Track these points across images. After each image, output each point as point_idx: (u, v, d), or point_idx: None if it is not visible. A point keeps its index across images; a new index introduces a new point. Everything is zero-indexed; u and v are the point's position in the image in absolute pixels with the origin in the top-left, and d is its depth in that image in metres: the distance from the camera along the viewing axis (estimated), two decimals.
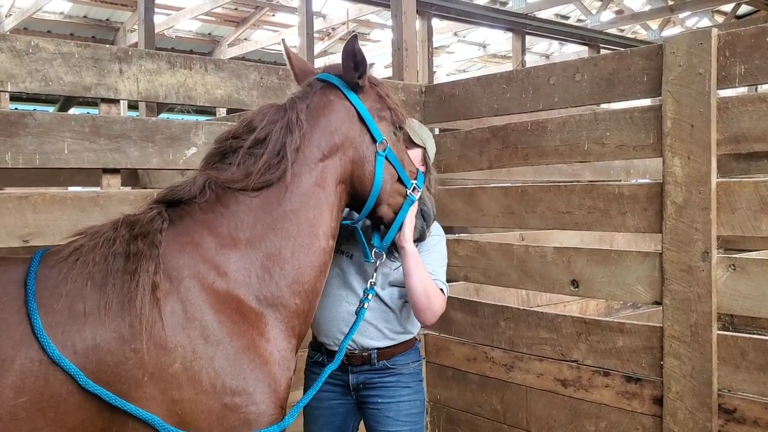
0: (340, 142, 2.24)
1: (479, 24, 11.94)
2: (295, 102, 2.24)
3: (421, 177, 2.57)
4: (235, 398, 1.84)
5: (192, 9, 13.14)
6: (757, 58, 2.67)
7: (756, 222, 2.67)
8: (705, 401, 2.77)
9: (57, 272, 1.86)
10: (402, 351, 2.85)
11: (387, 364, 2.81)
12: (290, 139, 2.13)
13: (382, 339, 2.80)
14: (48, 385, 1.73)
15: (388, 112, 2.39)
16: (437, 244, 2.88)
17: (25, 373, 1.72)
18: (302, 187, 2.14)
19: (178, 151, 3.11)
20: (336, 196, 2.24)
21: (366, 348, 2.78)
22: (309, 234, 2.13)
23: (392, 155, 2.37)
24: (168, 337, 1.81)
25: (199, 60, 3.23)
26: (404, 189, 2.45)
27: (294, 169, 2.13)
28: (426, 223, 2.64)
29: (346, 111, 2.28)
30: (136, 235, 1.91)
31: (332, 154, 2.23)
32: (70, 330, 1.78)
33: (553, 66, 3.39)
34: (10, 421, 1.70)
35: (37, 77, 2.76)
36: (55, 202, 2.79)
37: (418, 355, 2.94)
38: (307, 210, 2.13)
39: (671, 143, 2.84)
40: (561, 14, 16.42)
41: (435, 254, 2.83)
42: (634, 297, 3.06)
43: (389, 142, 2.36)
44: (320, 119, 2.23)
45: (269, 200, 2.09)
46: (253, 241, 2.02)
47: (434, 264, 2.79)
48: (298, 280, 2.07)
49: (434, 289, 2.68)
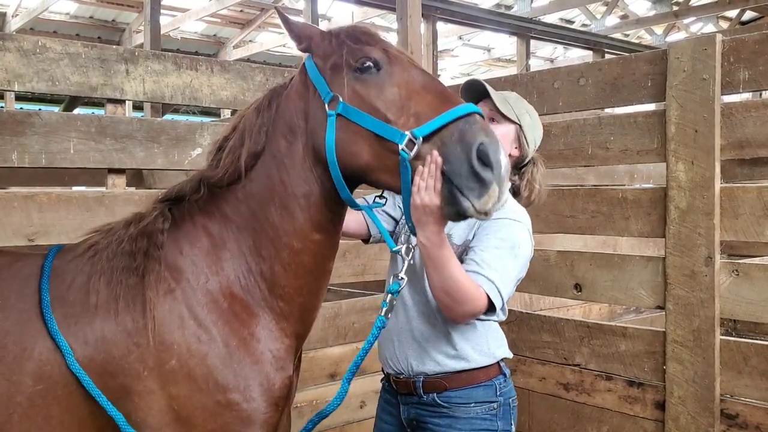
0: (301, 119, 1.95)
1: (484, 28, 11.94)
2: (277, 87, 2.07)
3: (444, 117, 1.73)
4: (228, 395, 1.87)
5: (197, 11, 13.17)
6: (761, 64, 2.68)
7: (759, 227, 2.68)
8: (707, 406, 2.76)
9: (74, 267, 1.94)
10: (459, 385, 2.20)
11: (437, 399, 2.21)
12: (253, 125, 1.98)
13: (428, 362, 2.22)
14: (62, 374, 1.81)
15: (340, 54, 1.88)
16: (503, 228, 2.15)
17: (43, 362, 1.81)
18: (268, 182, 1.96)
19: (184, 151, 3.13)
20: (312, 184, 1.94)
21: (411, 373, 2.24)
22: (276, 235, 1.96)
23: (350, 109, 1.82)
24: (166, 335, 1.86)
25: (205, 61, 3.24)
26: (392, 144, 1.77)
27: (260, 164, 1.97)
28: (457, 189, 1.70)
29: (300, 82, 1.99)
30: (140, 233, 1.96)
31: (295, 137, 1.95)
32: (82, 321, 1.85)
33: (558, 70, 3.40)
34: (29, 407, 1.79)
35: (44, 77, 2.77)
36: (60, 201, 2.80)
37: (491, 395, 2.22)
38: (272, 208, 1.96)
39: (675, 148, 2.85)
40: (566, 18, 16.42)
41: (491, 239, 2.14)
42: (637, 301, 3.06)
43: (347, 93, 1.84)
44: (283, 102, 2.00)
45: (248, 197, 1.99)
46: (239, 240, 2.00)
47: (484, 251, 2.11)
48: (277, 283, 1.97)
49: (461, 286, 2.01)
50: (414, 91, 1.81)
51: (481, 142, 1.68)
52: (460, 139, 1.71)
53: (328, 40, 1.95)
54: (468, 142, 1.69)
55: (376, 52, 1.86)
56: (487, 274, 2.08)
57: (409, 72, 1.86)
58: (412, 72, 1.86)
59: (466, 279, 2.05)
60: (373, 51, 1.86)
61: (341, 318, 3.63)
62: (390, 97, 1.82)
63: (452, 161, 1.70)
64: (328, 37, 1.96)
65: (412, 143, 1.73)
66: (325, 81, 1.89)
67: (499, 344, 2.31)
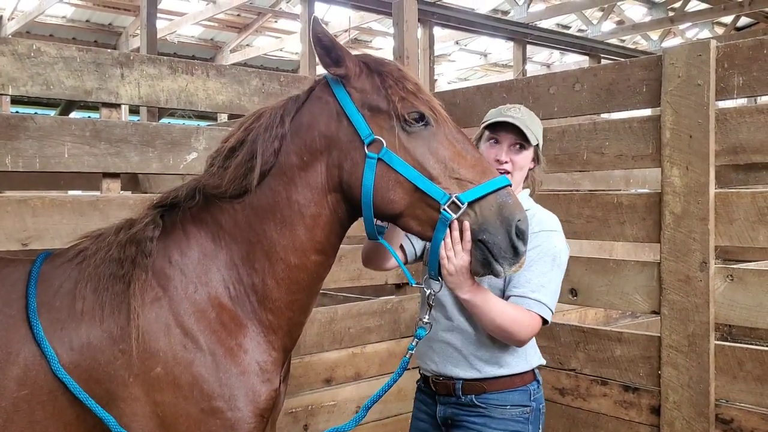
0: (323, 145, 1.95)
1: (481, 33, 11.98)
2: (288, 101, 2.04)
3: (485, 187, 1.88)
4: (213, 403, 1.87)
5: (194, 14, 13.18)
6: (755, 70, 2.68)
7: (753, 232, 2.68)
8: (702, 411, 2.76)
9: (61, 272, 1.95)
10: (497, 389, 2.31)
11: (474, 400, 2.31)
12: (266, 141, 1.95)
13: (467, 368, 2.32)
14: (47, 379, 1.81)
15: (387, 101, 1.92)
16: (543, 242, 2.26)
17: (28, 366, 1.81)
18: (272, 197, 1.96)
19: (179, 156, 3.12)
20: (323, 207, 1.97)
21: (449, 377, 2.34)
22: (273, 250, 1.95)
23: (393, 157, 1.89)
24: (152, 342, 1.86)
25: (201, 65, 3.24)
26: (432, 200, 1.88)
27: (267, 177, 1.95)
28: (493, 257, 1.88)
29: (328, 108, 1.96)
30: (129, 241, 1.95)
31: (314, 159, 1.95)
32: (68, 327, 1.86)
33: (554, 75, 3.40)
34: (13, 412, 1.79)
35: (38, 81, 2.77)
36: (54, 206, 2.79)
37: (525, 399, 2.33)
38: (272, 223, 1.95)
39: (670, 153, 2.85)
40: (562, 24, 16.47)
41: (531, 255, 2.19)
42: (633, 306, 3.06)
43: (390, 140, 1.90)
44: (303, 120, 1.98)
45: (246, 209, 1.97)
46: (232, 251, 1.98)
47: (527, 271, 2.18)
48: (268, 296, 1.97)
49: (514, 319, 2.15)
50: (457, 154, 1.93)
51: (519, 219, 1.88)
52: (499, 213, 1.88)
53: (368, 75, 1.97)
54: (508, 218, 1.88)
55: (426, 108, 1.92)
56: (535, 297, 2.21)
57: (453, 134, 1.96)
58: (456, 135, 1.97)
59: (515, 310, 2.19)
60: (422, 106, 1.92)
61: (337, 323, 3.62)
62: (436, 155, 1.91)
63: (492, 232, 1.88)
64: (367, 72, 1.97)
65: (456, 206, 1.87)
66: (364, 120, 1.93)
67: (534, 351, 2.39)
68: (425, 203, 1.90)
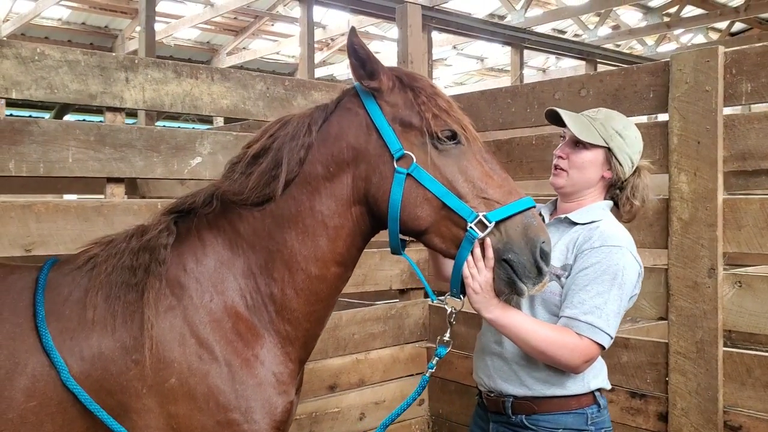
0: (350, 156, 1.93)
1: (478, 37, 11.99)
2: (315, 111, 2.01)
3: (512, 207, 1.87)
4: (228, 415, 1.84)
5: (192, 17, 13.16)
6: (763, 76, 2.68)
7: (762, 239, 2.68)
8: (710, 418, 2.75)
9: (71, 280, 1.90)
10: (549, 410, 2.16)
11: (525, 421, 2.18)
12: (292, 150, 1.93)
13: (518, 385, 2.20)
14: (56, 390, 1.76)
15: (419, 117, 1.90)
16: (604, 259, 2.10)
17: (36, 377, 1.76)
18: (295, 206, 1.93)
19: (183, 161, 3.10)
20: (347, 219, 1.95)
21: (500, 392, 2.23)
22: (293, 259, 1.93)
23: (423, 174, 1.87)
24: (166, 352, 1.82)
25: (206, 69, 3.22)
26: (459, 218, 1.88)
27: (290, 185, 1.93)
28: (517, 276, 1.87)
29: (358, 120, 1.94)
30: (143, 248, 1.92)
31: (341, 170, 1.93)
32: (78, 337, 1.81)
33: (559, 81, 3.40)
34: (21, 424, 1.74)
35: (42, 85, 2.74)
36: (58, 211, 2.77)
37: (581, 423, 2.16)
38: (294, 232, 1.93)
39: (677, 159, 2.84)
40: (558, 29, 16.52)
41: (589, 274, 2.08)
42: (639, 312, 3.05)
43: (421, 156, 1.88)
44: (331, 130, 1.96)
45: (267, 217, 1.94)
46: (249, 260, 1.95)
47: (582, 291, 2.07)
48: (286, 307, 1.94)
49: (554, 341, 2.03)
50: (486, 174, 1.92)
51: (543, 241, 1.87)
52: (524, 234, 1.88)
53: (401, 89, 1.95)
54: (533, 239, 1.87)
55: (458, 127, 1.92)
56: (587, 320, 2.05)
57: (483, 154, 1.96)
58: (485, 155, 1.97)
59: (558, 333, 2.06)
60: (455, 124, 1.91)
61: (341, 329, 3.60)
62: (465, 174, 1.91)
63: (517, 252, 1.87)
64: (399, 86, 1.95)
65: (483, 225, 1.87)
66: (395, 134, 1.91)
67: (596, 374, 2.22)
68: (451, 221, 1.89)
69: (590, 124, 2.25)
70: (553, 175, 2.32)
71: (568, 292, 2.13)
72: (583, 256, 2.13)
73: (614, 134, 2.23)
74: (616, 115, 2.31)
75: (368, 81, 1.93)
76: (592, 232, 2.17)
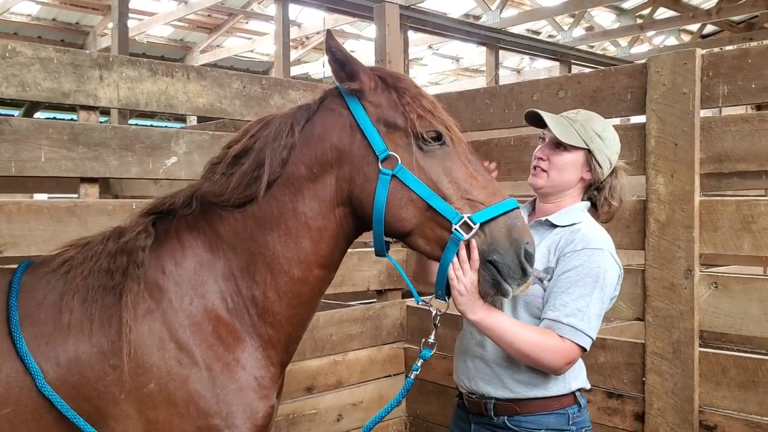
0: (334, 157, 1.91)
1: (454, 37, 12.02)
2: (298, 111, 1.99)
3: (496, 209, 1.87)
4: (209, 421, 1.81)
5: (165, 15, 12.99)
6: (740, 78, 2.71)
7: (738, 240, 2.71)
8: (686, 418, 2.78)
9: (45, 283, 1.85)
10: (530, 411, 2.18)
11: (507, 422, 2.20)
12: (275, 150, 1.90)
13: (499, 388, 2.21)
14: (31, 397, 1.72)
15: (404, 118, 1.88)
16: (586, 261, 2.11)
17: (11, 384, 1.72)
18: (277, 207, 1.91)
19: (158, 160, 3.04)
20: (330, 221, 1.93)
21: (481, 394, 2.25)
22: (275, 261, 1.91)
23: (408, 175, 1.86)
24: (145, 357, 1.79)
25: (182, 68, 3.17)
26: (444, 220, 1.87)
27: (273, 187, 1.90)
28: (502, 277, 1.87)
29: (341, 121, 1.92)
30: (120, 250, 1.88)
31: (324, 172, 1.91)
32: (54, 342, 1.77)
33: (537, 82, 3.41)
34: None
35: (13, 82, 2.68)
36: (30, 211, 2.70)
37: (563, 423, 2.19)
38: (276, 234, 1.90)
39: (655, 161, 2.87)
40: (533, 30, 16.63)
41: (571, 276, 2.10)
42: (616, 313, 3.07)
43: (406, 157, 1.87)
44: (314, 131, 1.94)
45: (248, 218, 1.91)
46: (230, 262, 1.92)
47: (564, 294, 2.09)
48: (268, 310, 1.92)
49: (537, 344, 2.04)
50: (470, 175, 1.91)
51: (527, 242, 1.87)
52: (508, 235, 1.87)
53: (384, 90, 1.93)
54: (517, 240, 1.87)
55: (442, 128, 1.90)
56: (569, 322, 2.07)
57: (467, 155, 1.95)
58: (470, 156, 1.96)
59: (540, 335, 2.07)
60: (440, 125, 1.90)
61: (319, 330, 3.57)
62: (450, 175, 1.89)
63: (501, 253, 1.86)
64: (383, 86, 1.94)
65: (468, 227, 1.86)
66: (379, 135, 1.90)
67: (576, 375, 2.24)
68: (436, 222, 1.88)
69: (570, 125, 2.26)
70: (532, 176, 2.33)
71: (550, 294, 2.14)
72: (566, 259, 2.15)
73: (594, 136, 2.25)
74: (595, 117, 2.34)
75: (349, 83, 1.92)
76: (573, 235, 2.18)
